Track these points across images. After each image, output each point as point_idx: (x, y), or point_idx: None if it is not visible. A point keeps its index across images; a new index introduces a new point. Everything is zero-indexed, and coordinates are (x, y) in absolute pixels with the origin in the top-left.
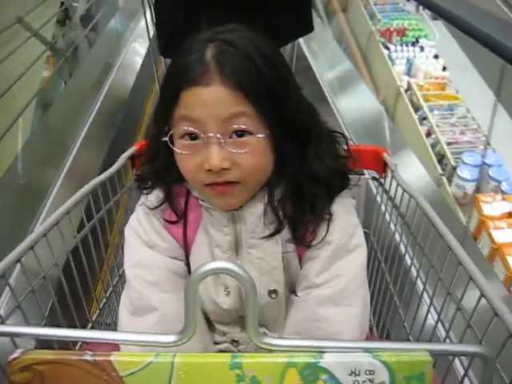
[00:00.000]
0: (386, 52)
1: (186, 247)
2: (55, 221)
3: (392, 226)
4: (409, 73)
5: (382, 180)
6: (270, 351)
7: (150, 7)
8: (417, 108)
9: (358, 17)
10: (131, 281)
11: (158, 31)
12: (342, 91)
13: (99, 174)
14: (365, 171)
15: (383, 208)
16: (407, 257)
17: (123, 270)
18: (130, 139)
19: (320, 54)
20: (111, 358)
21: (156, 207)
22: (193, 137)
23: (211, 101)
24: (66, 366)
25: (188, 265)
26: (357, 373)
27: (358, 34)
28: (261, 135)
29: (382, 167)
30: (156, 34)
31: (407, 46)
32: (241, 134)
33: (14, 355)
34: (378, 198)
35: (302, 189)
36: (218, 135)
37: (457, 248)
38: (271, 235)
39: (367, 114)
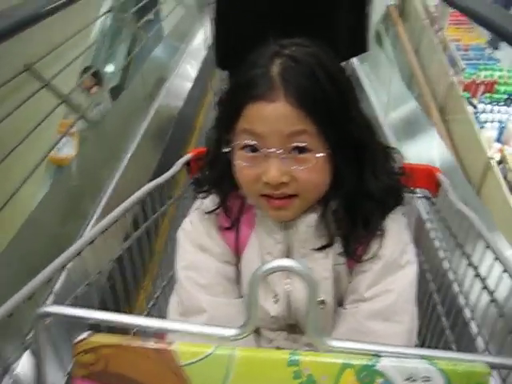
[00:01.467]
0: (470, 110)
1: (238, 253)
2: (103, 228)
3: (442, 246)
4: (499, 138)
5: (434, 199)
6: (328, 352)
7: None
8: None
9: (434, 61)
10: (182, 282)
11: (217, 43)
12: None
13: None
14: (417, 190)
15: (433, 227)
16: (455, 277)
17: (167, 282)
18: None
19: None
20: (173, 347)
21: (211, 211)
22: (253, 149)
23: (274, 117)
24: (129, 351)
25: (238, 270)
26: (413, 378)
27: (435, 81)
28: (320, 154)
29: (435, 186)
30: (214, 47)
31: (498, 104)
32: (301, 150)
33: (81, 337)
34: (429, 217)
35: (357, 204)
36: (279, 151)
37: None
38: (321, 248)
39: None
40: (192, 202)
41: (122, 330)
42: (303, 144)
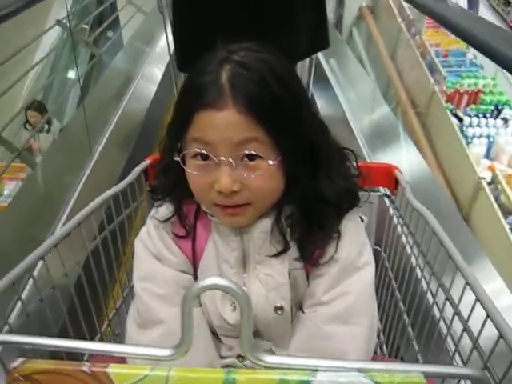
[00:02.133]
0: (455, 122)
1: (195, 261)
2: (66, 232)
3: (403, 243)
4: (488, 154)
5: (394, 197)
6: (265, 368)
7: (170, 24)
8: (508, 211)
9: (411, 67)
10: (139, 293)
11: (177, 47)
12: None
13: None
14: (379, 188)
15: (394, 225)
16: (417, 274)
17: (129, 291)
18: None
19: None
20: (108, 370)
21: (166, 220)
22: (204, 157)
23: (224, 125)
24: (64, 376)
25: (196, 279)
26: None
27: (414, 90)
28: (272, 161)
29: (394, 184)
30: (174, 50)
31: (485, 116)
32: (252, 157)
33: (15, 364)
34: (390, 215)
35: (312, 208)
36: (230, 159)
37: (464, 268)
38: (277, 255)
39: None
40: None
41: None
42: (254, 152)
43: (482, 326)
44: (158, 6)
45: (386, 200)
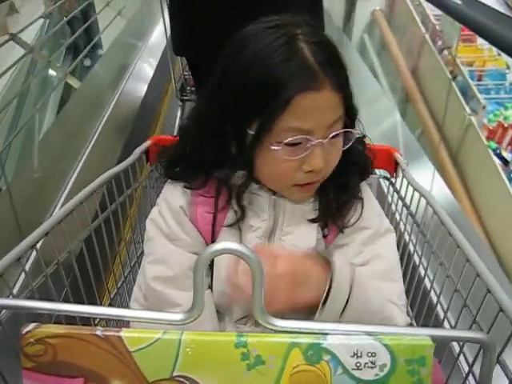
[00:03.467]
0: (497, 162)
1: (213, 238)
2: (69, 210)
3: (402, 226)
4: None
5: (393, 179)
6: (276, 332)
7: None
8: None
9: (439, 88)
10: (149, 282)
11: (172, 29)
12: None
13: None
14: (376, 170)
15: (394, 207)
16: (416, 255)
17: (134, 262)
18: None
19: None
20: (121, 334)
21: (193, 189)
22: (296, 142)
23: (324, 106)
24: (77, 340)
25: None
26: (359, 355)
27: (442, 118)
28: (354, 135)
29: (394, 167)
30: (171, 34)
31: None
32: (336, 136)
33: (28, 328)
34: (389, 198)
35: (341, 172)
36: (324, 140)
37: (466, 246)
38: (313, 221)
39: None
40: (155, 190)
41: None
42: (339, 131)
43: (483, 300)
44: None
45: (385, 182)
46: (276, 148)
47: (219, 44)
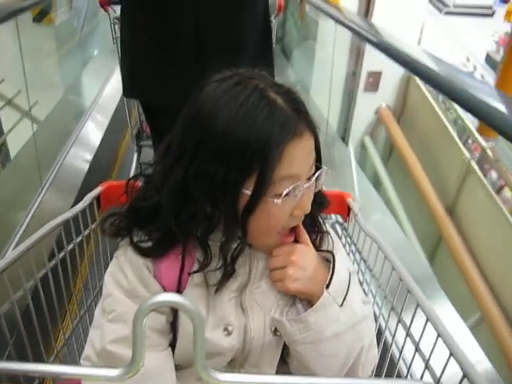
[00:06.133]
0: None
1: (178, 292)
2: (14, 258)
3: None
4: None
5: (346, 224)
6: None
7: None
8: None
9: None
10: (107, 343)
11: (122, 72)
12: None
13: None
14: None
15: (347, 250)
16: (370, 299)
17: (78, 321)
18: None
19: None
20: None
21: (157, 248)
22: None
23: (307, 150)
24: None
25: (174, 316)
26: None
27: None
28: (325, 171)
29: (347, 211)
30: (122, 78)
31: None
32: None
33: None
34: (343, 242)
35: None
36: (310, 184)
37: (416, 291)
38: None
39: None
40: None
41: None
42: (320, 171)
43: (434, 345)
44: (112, 37)
45: (338, 227)
46: (276, 201)
47: (170, 86)
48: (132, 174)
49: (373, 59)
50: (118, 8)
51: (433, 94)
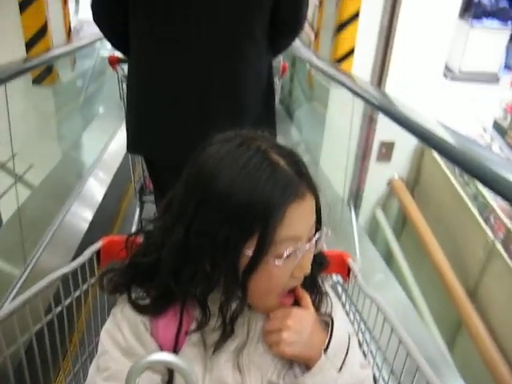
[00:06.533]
0: None
1: (175, 351)
2: (10, 312)
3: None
4: None
5: (346, 285)
6: None
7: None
8: None
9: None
10: None
11: (127, 127)
12: None
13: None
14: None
15: (347, 311)
16: (370, 361)
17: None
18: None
19: None
20: None
21: (155, 313)
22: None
23: (307, 212)
24: None
25: (170, 375)
26: None
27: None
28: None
29: (347, 272)
30: (126, 133)
31: None
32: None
33: None
34: (343, 302)
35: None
36: (310, 244)
37: (415, 354)
38: None
39: None
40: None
41: None
42: (319, 233)
43: None
44: (120, 94)
45: (338, 287)
46: (277, 262)
47: (173, 142)
48: (134, 229)
49: (386, 129)
50: (126, 67)
51: (449, 166)
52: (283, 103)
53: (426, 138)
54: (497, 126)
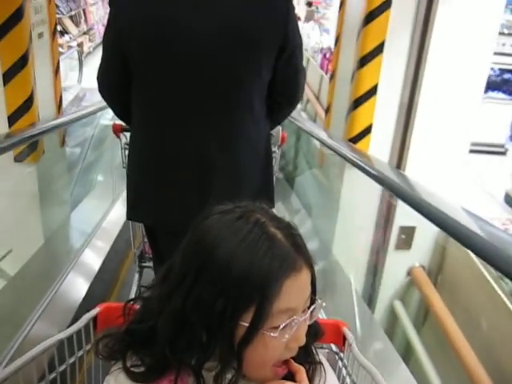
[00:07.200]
0: None
1: None
2: (1, 379)
3: None
4: None
5: (342, 354)
6: None
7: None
8: None
9: None
10: None
11: (127, 194)
12: None
13: None
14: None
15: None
16: None
17: None
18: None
19: None
20: None
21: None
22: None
23: (305, 285)
24: None
25: None
26: None
27: None
28: (322, 303)
29: (342, 341)
30: (127, 201)
31: None
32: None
33: None
34: (339, 366)
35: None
36: (306, 316)
37: None
38: None
39: None
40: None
41: None
42: (315, 304)
43: None
44: (122, 161)
45: (334, 356)
46: (273, 334)
47: (172, 210)
48: (132, 294)
49: (406, 212)
50: (129, 134)
51: None
52: (283, 171)
53: (449, 228)
54: (508, 199)
